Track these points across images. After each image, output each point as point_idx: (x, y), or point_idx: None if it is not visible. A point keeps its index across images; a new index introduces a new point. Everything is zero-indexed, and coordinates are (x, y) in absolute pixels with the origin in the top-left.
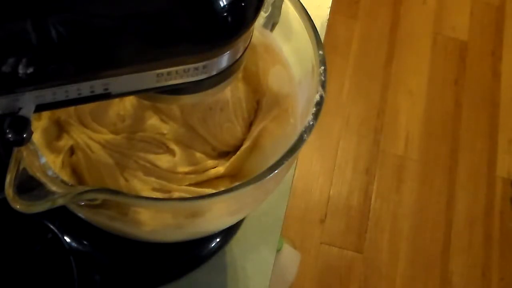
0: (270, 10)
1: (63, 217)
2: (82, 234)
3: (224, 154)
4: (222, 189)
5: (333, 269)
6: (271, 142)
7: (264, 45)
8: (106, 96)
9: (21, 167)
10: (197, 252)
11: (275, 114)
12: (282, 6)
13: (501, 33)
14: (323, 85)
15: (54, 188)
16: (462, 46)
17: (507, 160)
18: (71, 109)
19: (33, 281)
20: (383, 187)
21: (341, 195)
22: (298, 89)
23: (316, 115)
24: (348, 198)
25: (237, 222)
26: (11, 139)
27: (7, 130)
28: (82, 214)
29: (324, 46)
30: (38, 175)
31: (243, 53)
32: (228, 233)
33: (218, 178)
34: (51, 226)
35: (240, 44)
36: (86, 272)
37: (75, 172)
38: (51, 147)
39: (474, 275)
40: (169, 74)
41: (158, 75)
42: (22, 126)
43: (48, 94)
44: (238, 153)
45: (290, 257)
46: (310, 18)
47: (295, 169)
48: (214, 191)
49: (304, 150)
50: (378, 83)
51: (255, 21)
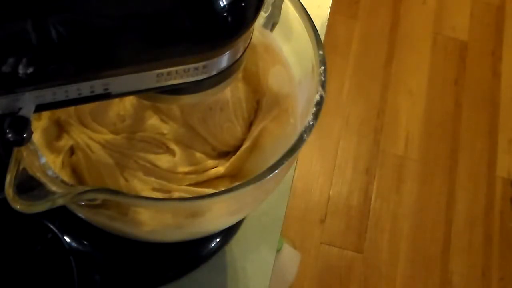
0: (270, 10)
1: (63, 217)
2: (82, 234)
3: (224, 154)
4: (222, 189)
5: (333, 269)
6: (271, 142)
7: (264, 45)
8: (106, 96)
9: (21, 167)
10: (197, 252)
11: (275, 114)
12: (282, 6)
13: (501, 33)
14: (323, 85)
15: (54, 188)
16: (462, 46)
17: (507, 160)
18: (71, 109)
19: (33, 281)
20: (383, 187)
21: (341, 195)
22: (298, 89)
23: (316, 115)
24: (348, 198)
25: (237, 222)
26: (11, 139)
27: (7, 130)
28: (82, 214)
29: (324, 46)
30: (38, 175)
31: (243, 53)
32: (228, 233)
33: (218, 178)
34: (51, 226)
35: (240, 44)
36: (86, 272)
37: (75, 172)
38: (51, 147)
39: (474, 275)
40: (169, 74)
41: (158, 75)
42: (22, 126)
43: (48, 94)
44: (238, 153)
45: (290, 257)
46: (310, 18)
47: (295, 169)
48: (214, 191)
49: (304, 150)
50: (378, 83)
51: (255, 21)
